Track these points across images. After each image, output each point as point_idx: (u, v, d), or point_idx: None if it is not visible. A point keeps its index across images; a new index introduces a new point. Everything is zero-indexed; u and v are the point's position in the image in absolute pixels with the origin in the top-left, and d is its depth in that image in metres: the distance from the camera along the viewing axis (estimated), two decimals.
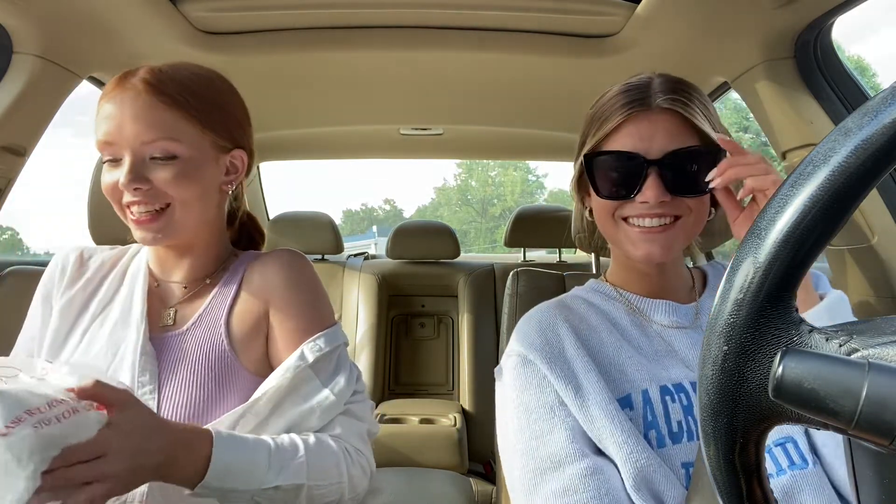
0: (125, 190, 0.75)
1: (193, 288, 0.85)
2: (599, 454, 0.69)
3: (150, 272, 0.86)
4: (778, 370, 0.28)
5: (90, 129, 0.80)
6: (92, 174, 1.21)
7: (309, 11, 1.27)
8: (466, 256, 2.54)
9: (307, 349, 0.79)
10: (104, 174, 0.77)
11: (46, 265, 0.88)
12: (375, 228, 24.40)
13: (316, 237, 2.20)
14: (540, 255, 2.85)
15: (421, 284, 2.36)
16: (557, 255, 2.41)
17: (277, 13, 1.27)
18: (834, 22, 1.12)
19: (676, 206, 0.73)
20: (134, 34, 1.24)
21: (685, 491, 0.66)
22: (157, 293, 0.85)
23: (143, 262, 0.87)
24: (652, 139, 0.72)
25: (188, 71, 0.79)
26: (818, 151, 0.29)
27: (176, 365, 0.77)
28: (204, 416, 0.75)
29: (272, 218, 2.25)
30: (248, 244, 0.98)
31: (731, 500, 0.32)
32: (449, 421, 1.89)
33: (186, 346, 0.79)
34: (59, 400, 0.56)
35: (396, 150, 2.40)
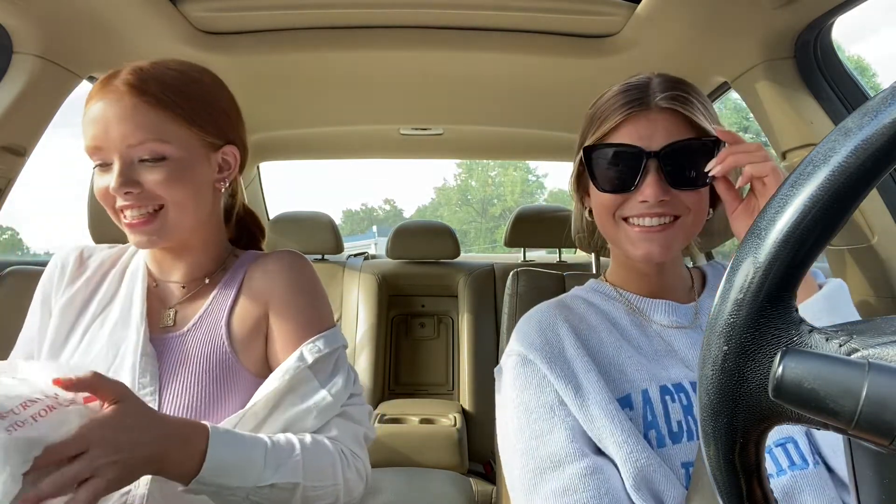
0: (116, 194, 0.74)
1: (192, 288, 0.84)
2: (599, 454, 0.69)
3: (148, 272, 0.86)
4: (778, 370, 0.28)
5: None
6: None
7: (309, 11, 1.27)
8: (466, 256, 2.55)
9: (306, 350, 0.79)
10: (95, 179, 0.76)
11: (46, 265, 0.88)
12: (375, 228, 24.39)
13: (316, 237, 2.20)
14: (540, 255, 2.85)
15: (421, 284, 2.36)
16: (557, 255, 2.41)
17: (277, 13, 1.27)
18: (834, 22, 1.12)
19: (676, 205, 0.73)
20: (134, 34, 1.24)
21: (685, 491, 0.66)
22: (156, 293, 0.84)
23: (141, 262, 0.86)
24: (651, 138, 0.72)
25: (172, 69, 0.78)
26: (818, 151, 0.29)
27: (177, 366, 0.77)
28: (205, 417, 0.74)
29: (272, 218, 2.25)
30: (248, 242, 0.97)
31: (731, 500, 0.32)
32: (449, 421, 1.90)
33: (187, 347, 0.79)
34: (34, 399, 0.55)
35: (396, 150, 2.40)
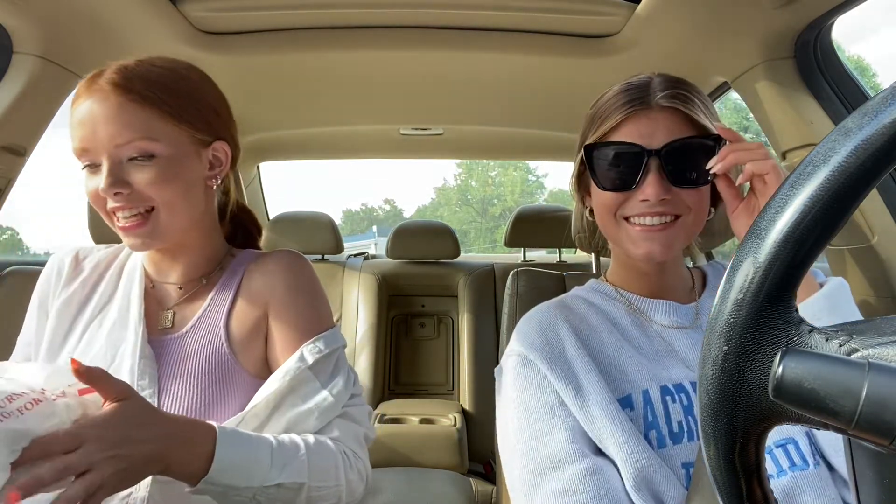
0: (106, 196, 0.73)
1: (189, 289, 0.84)
2: (599, 454, 0.69)
3: (145, 273, 0.85)
4: (778, 370, 0.28)
5: None
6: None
7: (309, 11, 1.27)
8: (466, 256, 2.55)
9: (306, 351, 0.79)
10: (85, 181, 0.75)
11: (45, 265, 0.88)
12: (375, 228, 24.38)
13: (316, 237, 2.20)
14: (540, 255, 2.85)
15: (421, 284, 2.36)
16: (557, 255, 2.41)
17: (277, 13, 1.27)
18: (834, 22, 1.12)
19: (677, 203, 0.73)
20: (134, 34, 1.24)
21: (685, 491, 0.66)
22: (153, 294, 0.84)
23: (138, 262, 0.85)
24: (652, 136, 0.72)
25: (158, 66, 0.77)
26: (818, 151, 0.29)
27: (176, 368, 0.77)
28: (204, 419, 0.73)
29: (272, 218, 2.25)
30: (244, 239, 0.96)
31: (731, 500, 0.32)
32: (449, 421, 1.89)
33: (186, 349, 0.78)
34: (19, 393, 0.55)
35: (396, 150, 2.40)
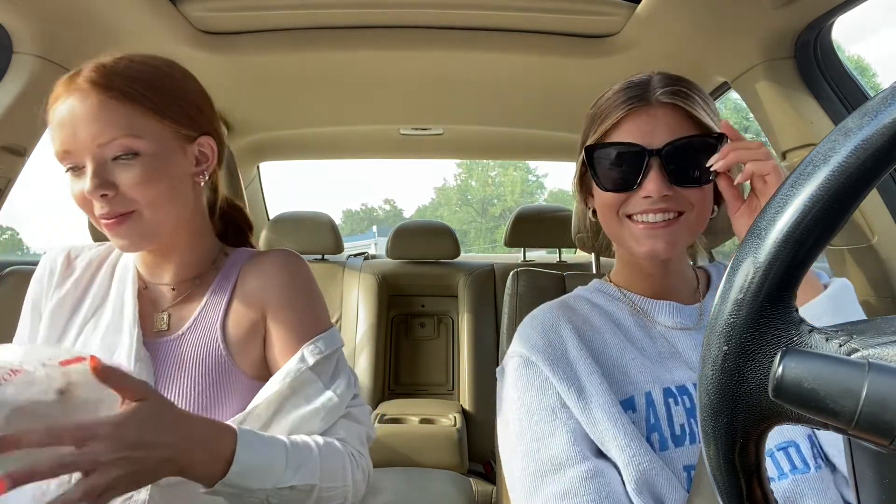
0: (92, 198, 0.71)
1: (183, 290, 0.83)
2: (600, 457, 0.69)
3: (138, 273, 0.84)
4: (778, 370, 0.28)
5: None
6: None
7: (309, 11, 1.27)
8: (466, 256, 2.54)
9: (307, 352, 0.78)
10: (70, 185, 0.73)
11: None
12: (375, 228, 24.38)
13: (316, 237, 2.20)
14: (540, 255, 2.85)
15: (421, 284, 2.36)
16: (557, 255, 2.41)
17: (277, 13, 1.27)
18: (834, 22, 1.12)
19: (679, 201, 0.72)
20: (134, 34, 1.24)
21: (686, 494, 0.66)
22: (147, 296, 0.82)
23: (129, 262, 0.84)
24: (652, 133, 0.71)
25: (136, 61, 0.75)
26: (818, 151, 0.29)
27: (173, 371, 0.76)
28: None
29: (272, 218, 2.25)
30: (236, 237, 0.94)
31: (731, 500, 0.32)
32: (449, 421, 1.89)
33: (183, 351, 0.77)
34: None
35: (396, 150, 2.40)
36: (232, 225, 0.94)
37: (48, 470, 0.52)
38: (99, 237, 1.32)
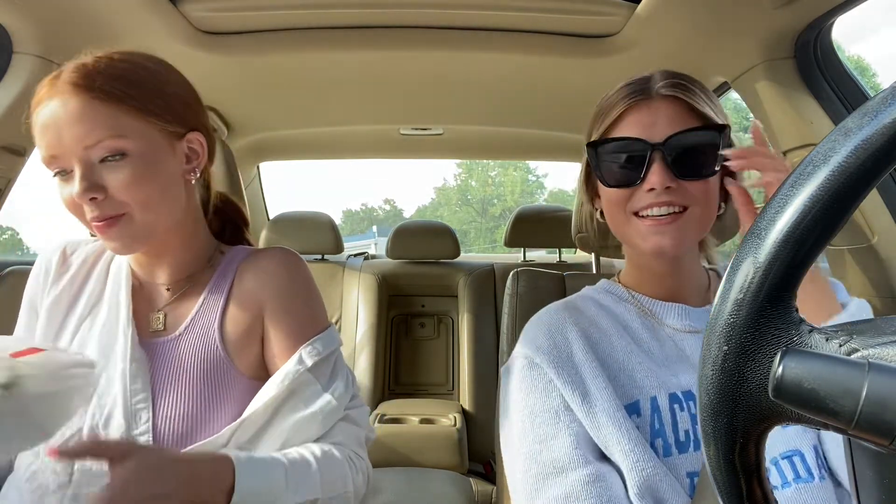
0: (82, 202, 0.69)
1: (178, 289, 0.81)
2: (603, 460, 0.69)
3: (133, 272, 0.82)
4: (778, 370, 0.28)
5: None
6: None
7: (309, 11, 1.27)
8: (466, 256, 2.54)
9: (305, 353, 0.77)
10: (59, 190, 0.71)
11: None
12: (375, 228, 24.37)
13: (316, 237, 2.20)
14: (540, 255, 2.85)
15: (421, 284, 2.36)
16: (557, 255, 2.41)
17: (277, 13, 1.27)
18: (834, 22, 1.12)
19: (683, 194, 0.71)
20: (134, 34, 1.24)
21: (689, 500, 0.65)
22: (142, 295, 0.81)
23: (123, 261, 0.83)
24: (654, 126, 0.71)
25: (117, 59, 0.73)
26: (818, 151, 0.29)
27: (170, 372, 0.75)
28: (201, 423, 0.73)
29: (272, 218, 2.26)
30: (233, 234, 0.93)
31: (731, 500, 0.32)
32: (449, 421, 1.89)
33: (180, 352, 0.76)
34: None
35: (396, 150, 2.40)
36: (228, 222, 0.93)
37: None
38: None
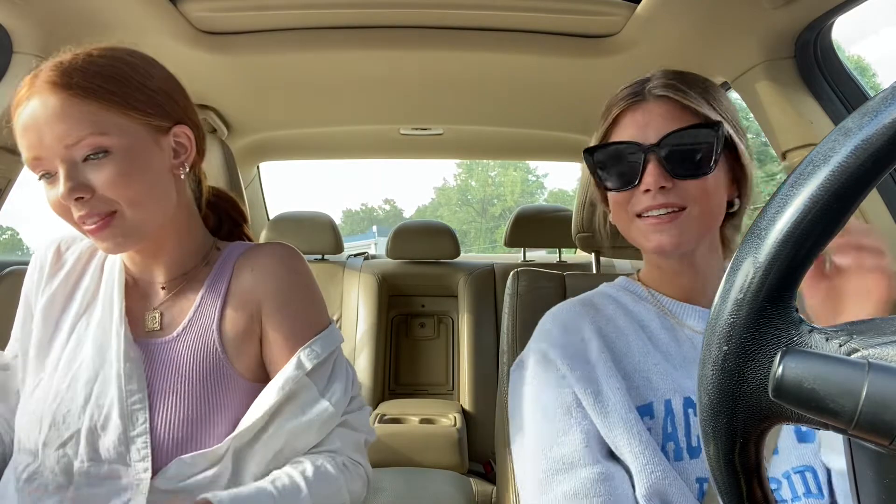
0: (68, 203, 0.68)
1: (174, 287, 0.80)
2: (612, 460, 0.69)
3: (126, 269, 0.81)
4: (778, 370, 0.28)
5: None
6: None
7: (309, 11, 1.27)
8: (466, 256, 2.54)
9: (304, 356, 0.76)
10: (46, 193, 0.70)
11: None
12: (375, 228, 24.37)
13: (316, 237, 2.20)
14: (540, 255, 2.85)
15: (421, 284, 2.36)
16: (557, 255, 2.41)
17: (277, 13, 1.27)
18: (834, 22, 1.12)
19: (680, 194, 0.71)
20: (134, 34, 1.24)
21: None
22: (136, 293, 0.80)
23: (117, 259, 0.81)
24: (647, 127, 0.71)
25: (95, 55, 0.71)
26: (818, 151, 0.29)
27: (168, 375, 0.73)
28: (200, 427, 0.72)
29: (272, 218, 2.26)
30: (230, 230, 0.91)
31: (731, 500, 0.32)
32: (449, 421, 1.89)
33: (178, 354, 0.75)
34: None
35: (396, 150, 2.40)
36: (225, 217, 0.91)
37: None
38: None
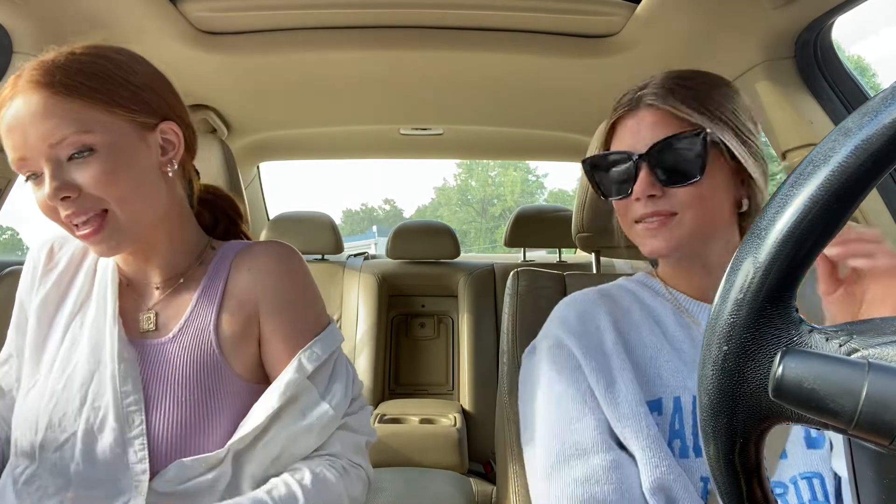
0: (54, 203, 0.67)
1: (168, 287, 0.78)
2: (622, 449, 0.70)
3: (120, 269, 0.79)
4: (778, 370, 0.28)
5: None
6: None
7: (309, 11, 1.27)
8: (466, 256, 2.54)
9: (304, 358, 0.75)
10: (34, 195, 0.69)
11: None
12: (375, 228, 24.37)
13: (316, 237, 2.20)
14: (540, 255, 2.85)
15: (421, 284, 2.36)
16: (557, 255, 2.41)
17: (277, 13, 1.27)
18: (834, 22, 1.12)
19: (670, 202, 0.71)
20: (134, 34, 1.24)
21: (702, 503, 0.66)
22: (130, 293, 0.78)
23: (110, 259, 0.80)
24: (639, 136, 0.73)
25: (79, 53, 0.70)
26: (818, 151, 0.29)
27: (164, 376, 0.72)
28: (197, 429, 0.71)
29: (272, 218, 2.26)
30: (226, 228, 0.90)
31: (731, 500, 0.32)
32: (449, 421, 1.89)
33: (175, 355, 0.73)
34: None
35: (396, 150, 2.40)
36: (220, 215, 0.90)
37: None
38: None
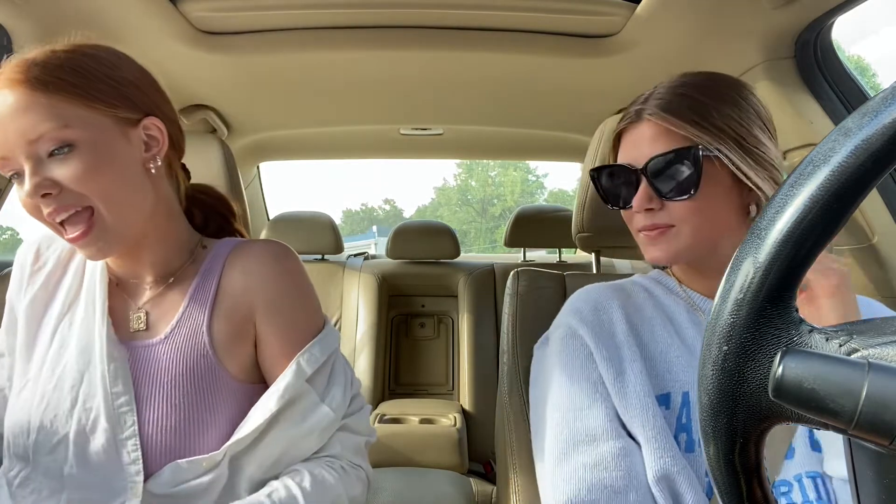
0: (35, 200, 0.66)
1: (158, 287, 0.77)
2: (631, 438, 0.71)
3: (109, 269, 0.78)
4: (778, 370, 0.28)
5: None
6: None
7: (309, 11, 1.27)
8: (466, 256, 2.54)
9: (303, 361, 0.75)
10: (18, 194, 0.68)
11: None
12: (375, 228, 24.37)
13: (316, 237, 2.20)
14: (540, 255, 2.85)
15: (421, 284, 2.36)
16: (557, 255, 2.41)
17: (277, 13, 1.27)
18: (834, 22, 1.12)
19: (669, 214, 0.73)
20: (134, 34, 1.24)
21: (706, 498, 0.66)
22: (120, 292, 0.77)
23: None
24: (638, 149, 0.74)
25: (58, 49, 0.69)
26: (818, 151, 0.29)
27: (157, 377, 0.71)
28: (191, 431, 0.70)
29: (272, 218, 2.26)
30: (219, 225, 0.89)
31: (731, 500, 0.32)
32: (449, 421, 1.89)
33: (167, 356, 0.72)
34: None
35: (396, 150, 2.40)
36: (212, 213, 0.89)
37: None
38: None
